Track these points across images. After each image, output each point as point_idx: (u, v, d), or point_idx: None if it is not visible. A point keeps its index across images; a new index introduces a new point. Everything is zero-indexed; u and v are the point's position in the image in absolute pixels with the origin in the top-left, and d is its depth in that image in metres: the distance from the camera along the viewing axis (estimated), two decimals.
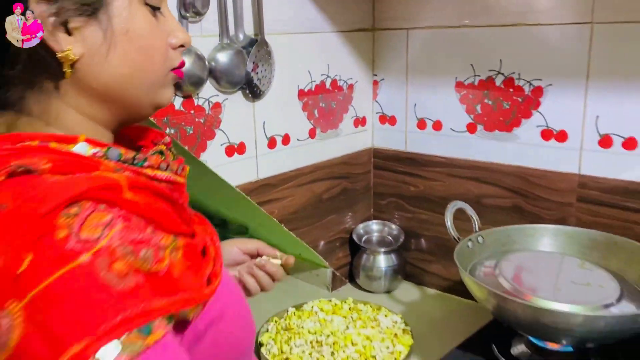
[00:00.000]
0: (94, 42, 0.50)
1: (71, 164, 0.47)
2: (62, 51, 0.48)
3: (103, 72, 0.51)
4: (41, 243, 0.41)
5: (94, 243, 0.42)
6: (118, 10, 0.50)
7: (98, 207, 0.44)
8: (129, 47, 0.51)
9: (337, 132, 1.33)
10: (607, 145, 1.07)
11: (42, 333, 0.39)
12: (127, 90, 0.53)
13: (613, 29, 1.02)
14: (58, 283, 0.40)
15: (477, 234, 1.07)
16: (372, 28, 1.35)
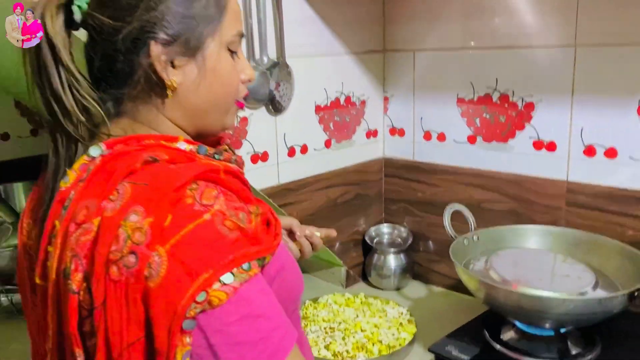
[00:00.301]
0: (191, 75, 0.66)
1: (180, 156, 0.63)
2: (168, 80, 0.65)
3: (193, 97, 0.67)
4: (177, 206, 0.56)
5: (211, 207, 0.57)
6: (210, 53, 0.67)
7: (208, 184, 0.60)
8: (214, 81, 0.68)
9: (350, 142, 1.48)
10: (591, 154, 1.19)
11: (181, 266, 0.54)
12: (207, 113, 0.70)
13: (593, 51, 1.14)
14: (190, 232, 0.55)
15: (472, 232, 1.20)
16: (383, 50, 1.50)
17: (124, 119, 0.68)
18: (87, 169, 0.61)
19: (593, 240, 1.14)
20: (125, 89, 0.66)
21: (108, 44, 0.64)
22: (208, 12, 0.66)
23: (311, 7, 1.31)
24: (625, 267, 1.06)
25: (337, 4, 1.37)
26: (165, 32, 0.64)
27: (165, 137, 0.65)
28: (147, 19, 0.63)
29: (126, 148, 0.62)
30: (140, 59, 0.64)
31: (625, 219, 1.16)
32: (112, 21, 0.63)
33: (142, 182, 0.58)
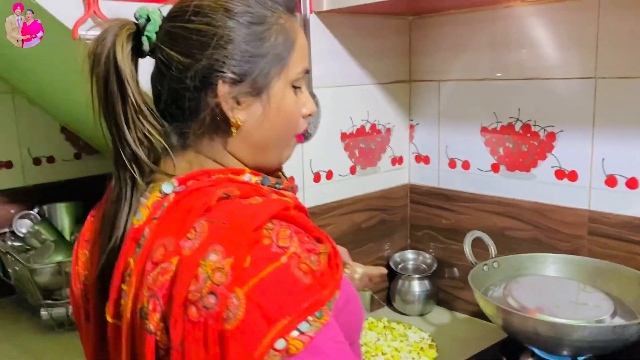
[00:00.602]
0: (255, 113, 0.66)
1: (249, 190, 0.63)
2: (234, 119, 0.65)
3: (257, 134, 0.67)
4: (255, 247, 0.55)
5: (287, 249, 0.56)
6: (275, 92, 0.66)
7: (281, 223, 0.59)
8: (278, 118, 0.68)
9: (375, 169, 1.52)
10: (612, 184, 1.20)
11: (259, 310, 0.53)
12: (269, 148, 0.69)
13: (613, 83, 1.16)
14: (268, 275, 0.54)
15: (492, 259, 1.21)
16: (409, 80, 1.55)
17: (189, 153, 0.68)
18: (161, 205, 0.60)
19: (613, 270, 1.14)
20: (191, 124, 0.66)
21: (176, 79, 0.64)
22: (276, 51, 0.66)
23: (338, 40, 1.38)
24: None
25: (364, 37, 1.43)
26: (233, 72, 0.63)
27: (232, 170, 0.66)
28: (216, 57, 0.63)
29: (198, 184, 0.62)
30: (207, 97, 0.64)
31: None
32: (182, 57, 0.63)
33: (219, 221, 0.57)
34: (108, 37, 0.63)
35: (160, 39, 0.65)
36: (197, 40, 0.63)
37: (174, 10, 0.66)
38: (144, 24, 0.66)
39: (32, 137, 1.53)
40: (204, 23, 0.63)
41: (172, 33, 0.64)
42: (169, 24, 0.65)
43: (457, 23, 1.41)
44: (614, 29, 1.15)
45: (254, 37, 0.64)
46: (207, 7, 0.64)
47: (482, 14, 1.35)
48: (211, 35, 0.63)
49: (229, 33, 0.63)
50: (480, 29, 1.37)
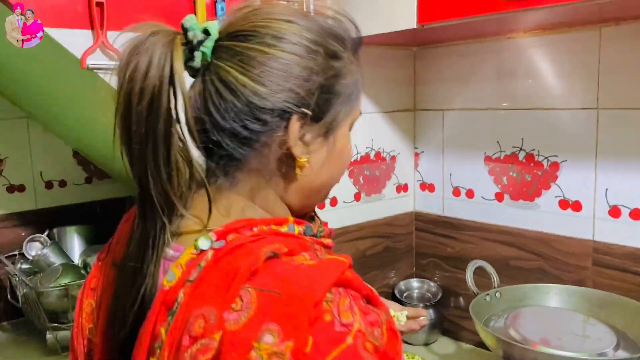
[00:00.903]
0: (320, 155, 0.61)
1: (296, 244, 0.55)
2: (301, 159, 0.59)
3: (315, 178, 0.62)
4: (316, 326, 0.48)
5: (351, 326, 0.49)
6: (340, 135, 0.62)
7: (339, 290, 0.51)
8: (338, 161, 0.64)
9: (380, 196, 1.53)
10: (616, 215, 1.19)
11: None
12: (320, 192, 0.65)
13: (615, 114, 1.17)
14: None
15: (495, 289, 1.21)
16: (414, 109, 1.56)
17: (231, 195, 0.60)
18: (197, 265, 0.53)
19: (618, 302, 1.13)
20: (243, 160, 0.59)
21: (242, 107, 0.56)
22: (348, 90, 0.62)
23: None
24: None
25: (369, 66, 1.45)
26: (310, 108, 0.58)
27: (275, 220, 0.58)
28: (296, 90, 0.57)
29: (240, 239, 0.54)
30: (274, 132, 0.57)
31: None
32: (255, 84, 0.56)
33: (271, 289, 0.50)
34: (156, 46, 0.54)
35: (223, 58, 0.57)
36: (278, 67, 0.56)
37: (243, 28, 0.58)
38: (200, 37, 0.57)
39: (45, 161, 1.56)
40: (286, 50, 0.57)
41: (243, 54, 0.57)
42: (237, 42, 0.58)
43: (460, 54, 1.43)
44: (615, 60, 1.15)
45: (333, 74, 0.59)
46: (288, 32, 0.58)
47: (485, 45, 1.37)
48: (294, 64, 0.57)
49: (311, 65, 0.58)
50: (483, 59, 1.38)
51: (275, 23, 0.58)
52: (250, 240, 0.54)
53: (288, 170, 0.60)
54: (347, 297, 0.51)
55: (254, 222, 0.57)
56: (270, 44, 0.57)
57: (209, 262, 0.52)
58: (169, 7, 1.06)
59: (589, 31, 1.18)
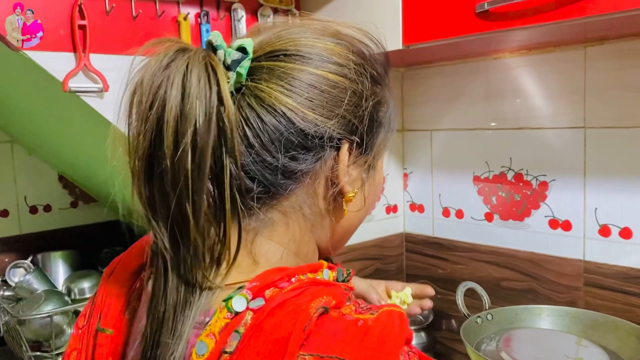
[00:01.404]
0: (363, 190, 0.56)
1: (339, 295, 0.48)
2: (350, 193, 0.53)
3: (355, 215, 0.56)
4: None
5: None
6: (379, 166, 0.58)
7: (406, 351, 0.45)
8: (375, 194, 0.59)
9: (369, 217, 1.51)
10: (606, 234, 1.18)
11: None
12: (352, 232, 0.59)
13: (602, 133, 1.17)
14: None
15: (486, 311, 1.19)
16: (402, 129, 1.56)
17: (265, 240, 0.51)
18: (235, 331, 0.43)
19: (610, 323, 1.11)
20: (283, 198, 0.51)
21: (287, 135, 0.49)
22: (389, 120, 0.57)
23: None
24: None
25: None
26: (360, 136, 0.52)
27: (310, 267, 0.50)
28: (347, 116, 0.51)
29: (281, 295, 0.45)
30: (324, 162, 0.51)
31: None
32: (305, 110, 0.49)
33: (333, 355, 0.42)
34: (191, 69, 0.44)
35: (263, 79, 0.49)
36: (331, 92, 0.50)
37: (285, 48, 0.51)
38: (236, 56, 0.49)
39: (30, 185, 1.55)
40: (338, 74, 0.51)
41: (288, 76, 0.49)
42: (279, 63, 0.50)
43: (447, 74, 1.43)
44: (600, 79, 1.16)
45: (379, 100, 0.54)
46: (336, 54, 0.52)
47: (472, 65, 1.37)
48: (344, 87, 0.51)
49: (361, 90, 0.52)
50: (470, 80, 1.38)
51: (321, 42, 0.52)
52: (294, 295, 0.46)
53: (335, 207, 0.53)
54: (415, 357, 0.45)
55: (290, 272, 0.48)
56: (320, 66, 0.51)
57: (250, 328, 0.43)
58: (153, 30, 1.06)
59: (574, 50, 1.19)
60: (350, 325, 0.44)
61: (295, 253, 0.53)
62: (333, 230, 0.55)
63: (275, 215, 0.52)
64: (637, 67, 1.10)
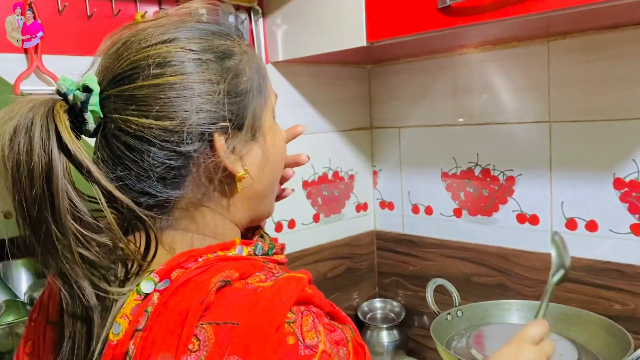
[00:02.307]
0: (256, 159, 0.57)
1: (247, 266, 0.52)
2: (241, 171, 0.55)
3: (258, 182, 0.58)
4: (280, 351, 0.45)
5: (316, 348, 0.47)
6: (267, 129, 0.58)
7: (300, 309, 0.49)
8: (276, 157, 0.60)
9: (339, 216, 1.50)
10: (572, 227, 1.19)
11: None
12: (265, 197, 0.61)
13: (566, 127, 1.17)
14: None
15: (456, 308, 1.18)
16: (370, 127, 1.55)
17: (172, 233, 0.55)
18: (143, 311, 0.48)
19: (578, 316, 1.12)
20: (177, 198, 0.54)
21: (158, 151, 0.52)
22: (255, 82, 0.57)
23: (297, 90, 1.38)
24: (610, 344, 1.03)
25: (323, 85, 1.43)
26: (227, 119, 0.54)
27: (221, 245, 0.54)
28: (203, 108, 0.52)
29: (186, 274, 0.50)
30: (202, 158, 0.53)
31: (610, 293, 1.14)
32: (161, 121, 0.51)
33: (227, 321, 0.46)
34: (35, 122, 0.48)
35: (116, 109, 0.52)
36: (174, 95, 0.51)
37: (123, 69, 0.53)
38: (82, 97, 0.52)
39: None
40: (174, 74, 0.52)
41: (135, 97, 0.51)
42: (123, 87, 0.52)
43: (414, 71, 1.43)
44: (563, 73, 1.16)
45: (231, 74, 0.55)
46: (169, 54, 0.53)
47: (438, 61, 1.37)
48: (188, 84, 0.52)
49: (206, 76, 0.53)
50: (437, 76, 1.38)
51: (152, 49, 0.53)
52: (197, 273, 0.50)
53: (230, 188, 0.56)
54: (310, 315, 0.49)
55: (197, 253, 0.52)
56: (155, 74, 0.52)
57: (156, 306, 0.48)
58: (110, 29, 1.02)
59: (538, 45, 1.19)
60: (249, 293, 0.49)
61: (212, 235, 0.57)
62: (242, 205, 0.58)
63: (178, 213, 0.55)
64: (600, 60, 1.11)
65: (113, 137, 0.53)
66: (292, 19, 1.24)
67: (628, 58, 1.07)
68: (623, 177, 1.11)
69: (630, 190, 1.10)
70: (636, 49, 1.06)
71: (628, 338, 0.98)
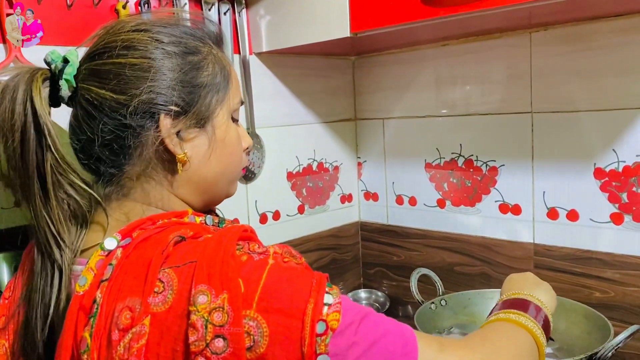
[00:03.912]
0: (201, 147, 0.63)
1: (199, 229, 0.60)
2: (181, 154, 0.61)
3: (203, 169, 0.64)
4: (240, 270, 0.52)
5: (267, 252, 0.55)
6: (219, 123, 0.64)
7: (246, 241, 0.57)
8: (224, 151, 0.65)
9: (324, 207, 1.50)
10: (554, 217, 1.21)
11: (280, 314, 0.50)
12: (216, 184, 0.67)
13: (548, 118, 1.18)
14: (267, 280, 0.52)
15: (440, 297, 1.20)
16: (355, 118, 1.55)
17: (126, 203, 0.63)
18: (108, 264, 0.55)
19: (559, 304, 1.11)
20: (128, 168, 0.62)
21: (110, 120, 0.59)
22: (215, 80, 0.64)
23: (281, 81, 1.37)
24: (590, 331, 1.05)
25: (307, 76, 1.43)
26: (175, 103, 0.60)
27: (175, 213, 0.62)
28: (156, 90, 0.59)
29: (145, 233, 0.57)
30: (147, 134, 0.60)
31: (591, 281, 1.16)
32: (116, 94, 0.59)
33: (187, 262, 0.53)
34: (19, 85, 0.58)
35: (84, 79, 0.61)
36: (132, 74, 0.59)
37: (97, 48, 0.62)
38: (60, 66, 0.61)
39: None
40: (137, 57, 0.60)
41: (100, 71, 0.60)
42: (93, 62, 0.61)
43: (398, 62, 1.43)
44: (545, 64, 1.17)
45: (191, 67, 0.62)
46: (137, 40, 0.61)
47: (422, 52, 1.37)
48: (147, 67, 0.60)
49: (165, 64, 0.61)
50: (420, 67, 1.39)
51: (124, 35, 0.61)
52: (156, 232, 0.57)
53: (172, 167, 0.62)
54: (256, 243, 0.57)
55: (156, 218, 0.60)
56: (121, 54, 0.60)
57: (121, 259, 0.55)
58: (90, 19, 1.01)
59: (520, 36, 1.20)
60: (198, 242, 0.56)
61: (160, 208, 0.63)
62: (186, 186, 0.64)
63: (129, 183, 0.63)
64: (581, 51, 1.12)
65: (78, 104, 0.61)
66: (276, 10, 1.23)
67: (608, 49, 1.09)
68: (603, 167, 1.12)
69: (610, 180, 1.12)
70: (616, 40, 1.08)
71: (608, 325, 1.00)
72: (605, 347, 0.91)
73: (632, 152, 1.09)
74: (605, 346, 0.92)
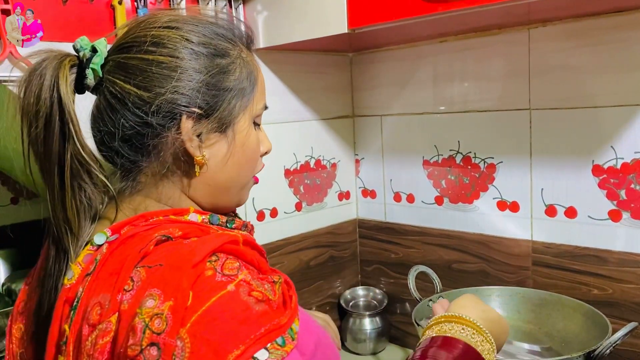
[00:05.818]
0: (220, 151, 0.62)
1: (193, 229, 0.58)
2: (199, 157, 0.60)
3: (220, 174, 0.63)
4: (198, 282, 0.50)
5: (235, 277, 0.52)
6: (240, 128, 0.63)
7: (229, 257, 0.54)
8: (242, 156, 0.64)
9: (322, 205, 1.50)
10: (552, 214, 1.20)
11: (206, 345, 0.47)
12: (229, 190, 0.65)
13: (546, 114, 1.18)
14: (213, 305, 0.49)
15: (437, 294, 1.19)
16: (352, 115, 1.55)
17: (137, 198, 0.62)
18: (94, 259, 0.55)
19: (557, 301, 1.13)
20: (144, 165, 0.61)
21: (132, 115, 0.58)
22: (241, 85, 0.63)
23: (278, 77, 1.37)
24: (589, 328, 1.05)
25: (305, 73, 1.42)
26: (199, 106, 0.59)
27: (174, 210, 0.60)
28: (180, 91, 0.58)
29: (134, 230, 0.57)
30: (168, 134, 0.59)
31: (589, 278, 1.16)
32: (141, 91, 0.58)
33: (156, 264, 0.52)
34: (47, 70, 0.56)
35: (110, 71, 0.60)
36: (158, 72, 0.58)
37: (126, 40, 0.61)
38: (88, 55, 0.60)
39: None
40: (165, 54, 0.59)
41: (126, 65, 0.59)
42: (121, 55, 0.60)
43: (396, 58, 1.43)
44: (543, 60, 1.17)
45: (219, 70, 0.61)
46: (167, 38, 0.60)
47: (420, 49, 1.37)
48: (174, 66, 0.59)
49: (192, 65, 0.60)
50: (418, 64, 1.38)
51: (154, 31, 0.60)
52: (144, 230, 0.57)
53: (189, 168, 0.62)
54: (237, 262, 0.54)
55: (149, 215, 0.59)
56: (150, 51, 0.59)
57: (104, 255, 0.55)
58: (86, 15, 1.00)
59: (518, 33, 1.19)
60: (179, 245, 0.55)
61: (168, 205, 0.63)
62: (201, 188, 0.63)
63: (143, 178, 0.62)
64: (579, 47, 1.12)
65: (102, 95, 0.60)
66: (273, 6, 1.22)
67: (607, 45, 1.08)
68: (602, 164, 1.12)
69: (608, 177, 1.12)
70: (615, 36, 1.07)
71: (606, 322, 0.99)
72: (603, 345, 0.91)
73: (630, 149, 1.08)
74: (603, 343, 0.91)
